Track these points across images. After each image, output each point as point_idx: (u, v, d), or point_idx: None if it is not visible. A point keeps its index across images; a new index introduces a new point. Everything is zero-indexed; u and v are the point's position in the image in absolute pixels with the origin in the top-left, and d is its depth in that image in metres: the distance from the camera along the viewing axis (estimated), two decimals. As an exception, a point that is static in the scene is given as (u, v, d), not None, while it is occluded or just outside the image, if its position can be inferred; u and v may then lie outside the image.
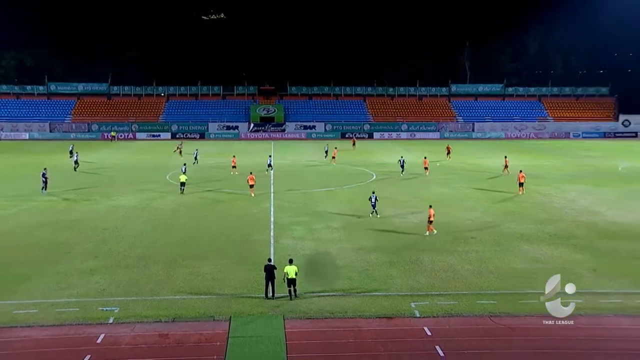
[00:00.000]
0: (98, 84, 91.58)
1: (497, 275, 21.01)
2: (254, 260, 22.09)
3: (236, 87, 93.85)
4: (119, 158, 57.15)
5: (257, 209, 32.34)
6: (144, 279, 20.37)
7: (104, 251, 23.71)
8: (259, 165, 50.40)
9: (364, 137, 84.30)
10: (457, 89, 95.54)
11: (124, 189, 38.47)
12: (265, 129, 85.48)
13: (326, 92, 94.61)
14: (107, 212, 31.31)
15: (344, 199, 35.50)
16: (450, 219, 29.95)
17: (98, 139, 78.70)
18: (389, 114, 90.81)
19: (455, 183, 41.77)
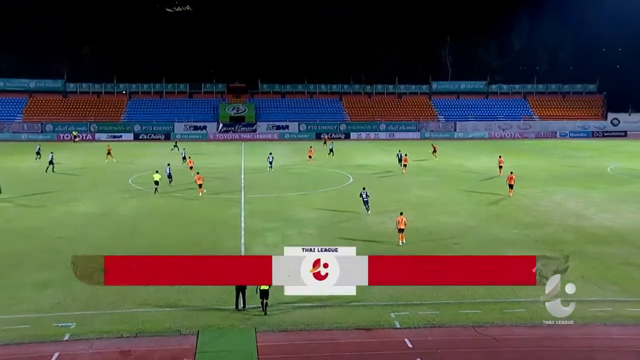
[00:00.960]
0: (52, 80, 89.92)
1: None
2: (224, 269, 21.86)
3: (204, 85, 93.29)
4: (76, 161, 56.16)
5: (227, 215, 32.12)
6: (103, 291, 19.98)
7: (60, 262, 23.20)
8: (231, 169, 50.09)
9: (340, 137, 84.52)
10: (438, 86, 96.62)
11: (82, 194, 37.85)
12: (235, 129, 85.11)
13: (300, 90, 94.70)
14: (63, 219, 30.73)
15: (319, 203, 35.46)
16: (432, 223, 30.16)
17: (53, 140, 77.17)
18: (366, 113, 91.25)
19: (437, 185, 42.10)
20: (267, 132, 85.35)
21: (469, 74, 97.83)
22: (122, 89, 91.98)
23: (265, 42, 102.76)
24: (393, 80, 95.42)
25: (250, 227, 29.11)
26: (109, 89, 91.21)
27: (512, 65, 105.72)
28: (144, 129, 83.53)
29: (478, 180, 44.52)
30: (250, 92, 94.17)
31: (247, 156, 61.32)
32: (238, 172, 48.99)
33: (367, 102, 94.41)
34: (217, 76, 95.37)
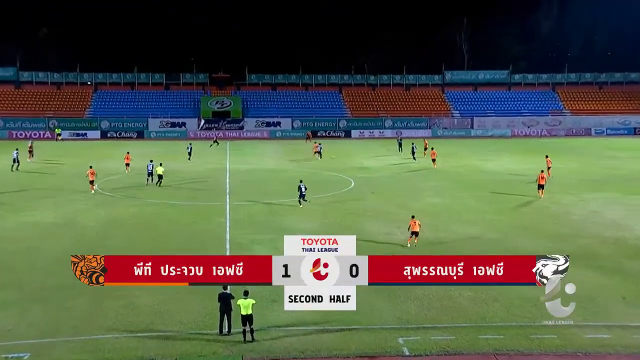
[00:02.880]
0: (2, 68, 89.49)
1: (503, 303, 21.13)
2: (206, 287, 21.73)
3: (183, 75, 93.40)
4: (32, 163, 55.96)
5: (210, 225, 32.04)
6: (64, 315, 19.87)
7: (12, 281, 23.08)
8: (214, 172, 50.03)
9: (339, 135, 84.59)
10: (453, 77, 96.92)
11: (39, 202, 37.67)
12: (219, 126, 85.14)
13: (293, 82, 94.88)
14: (17, 231, 30.56)
15: (316, 211, 35.41)
16: (446, 234, 30.11)
17: (4, 139, 76.89)
18: (370, 108, 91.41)
19: (450, 191, 42.16)
20: (255, 129, 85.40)
21: (488, 62, 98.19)
22: (87, 79, 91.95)
23: (253, 25, 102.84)
24: (400, 69, 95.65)
25: (236, 239, 29.00)
26: (70, 79, 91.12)
27: (539, 51, 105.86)
28: (113, 126, 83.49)
29: (499, 185, 44.51)
30: (236, 84, 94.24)
31: (232, 157, 61.22)
32: (222, 175, 48.91)
33: (370, 95, 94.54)
34: (198, 65, 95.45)
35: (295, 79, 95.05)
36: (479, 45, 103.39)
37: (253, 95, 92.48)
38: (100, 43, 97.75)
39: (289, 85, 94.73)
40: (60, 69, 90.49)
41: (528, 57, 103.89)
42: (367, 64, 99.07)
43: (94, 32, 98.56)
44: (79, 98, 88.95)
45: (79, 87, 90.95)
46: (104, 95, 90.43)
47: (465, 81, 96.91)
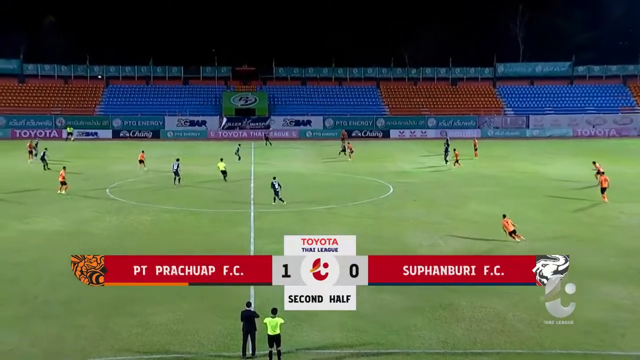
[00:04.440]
0: (5, 60, 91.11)
1: (563, 327, 20.75)
2: (227, 305, 21.84)
3: (203, 68, 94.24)
4: (38, 165, 56.89)
5: (232, 235, 32.18)
6: (71, 334, 20.09)
7: (14, 296, 23.44)
8: (237, 176, 50.26)
9: (376, 135, 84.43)
10: (506, 69, 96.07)
11: (43, 207, 38.22)
12: (243, 125, 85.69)
13: (326, 76, 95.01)
14: (20, 241, 31.00)
15: (350, 220, 35.35)
16: (497, 247, 29.79)
17: (6, 139, 78.34)
18: (411, 105, 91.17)
19: (501, 198, 41.83)
20: (283, 128, 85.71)
21: (547, 53, 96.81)
22: (97, 72, 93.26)
23: (281, 13, 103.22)
24: (446, 61, 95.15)
25: (261, 250, 28.98)
26: (79, 72, 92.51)
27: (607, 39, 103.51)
28: (126, 125, 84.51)
29: (558, 191, 43.92)
30: (262, 78, 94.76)
31: (257, 159, 61.47)
32: (246, 180, 49.18)
33: (411, 91, 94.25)
34: (219, 57, 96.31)
35: (327, 73, 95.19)
36: (537, 34, 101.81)
37: (280, 91, 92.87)
38: (112, 32, 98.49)
39: (320, 80, 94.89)
40: (68, 61, 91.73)
41: (594, 47, 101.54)
42: (408, 56, 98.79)
43: (106, 21, 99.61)
44: (88, 93, 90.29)
45: (88, 82, 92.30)
46: (116, 91, 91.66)
47: (520, 74, 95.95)
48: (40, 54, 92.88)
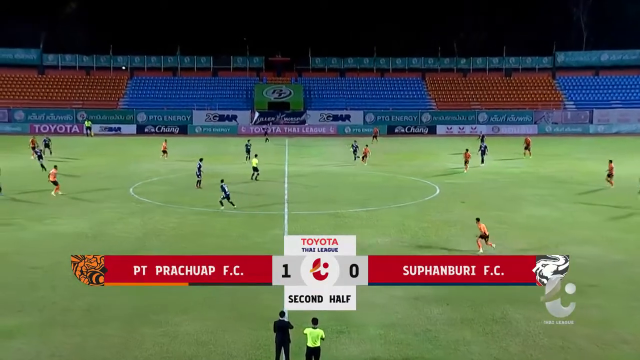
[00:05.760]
0: (24, 50, 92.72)
1: (634, 345, 20.49)
2: (259, 314, 21.93)
3: (234, 59, 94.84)
4: (59, 163, 57.75)
5: (264, 238, 32.24)
6: (92, 343, 20.33)
7: (32, 301, 23.76)
8: (270, 175, 50.45)
9: (421, 131, 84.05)
10: (567, 58, 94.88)
11: (63, 208, 38.74)
12: (276, 120, 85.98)
13: (366, 66, 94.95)
14: (39, 243, 31.41)
15: (392, 223, 35.25)
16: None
17: (25, 133, 79.79)
18: (460, 98, 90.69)
19: (560, 201, 41.44)
20: (320, 124, 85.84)
21: (614, 40, 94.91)
22: (121, 63, 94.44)
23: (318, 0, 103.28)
24: (499, 50, 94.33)
25: (295, 256, 29.16)
26: (102, 62, 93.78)
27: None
28: (151, 119, 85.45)
29: (624, 194, 43.23)
30: (297, 69, 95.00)
31: (292, 157, 61.58)
32: (280, 179, 49.34)
33: (460, 83, 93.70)
34: (251, 47, 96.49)
35: (368, 63, 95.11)
36: (602, 18, 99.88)
37: (317, 83, 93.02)
38: (137, 20, 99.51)
39: (360, 71, 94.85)
40: (90, 51, 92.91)
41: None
42: (457, 44, 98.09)
43: (130, 8, 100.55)
44: (111, 85, 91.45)
45: (111, 73, 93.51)
46: (141, 83, 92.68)
47: (582, 64, 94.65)
48: (60, 43, 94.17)
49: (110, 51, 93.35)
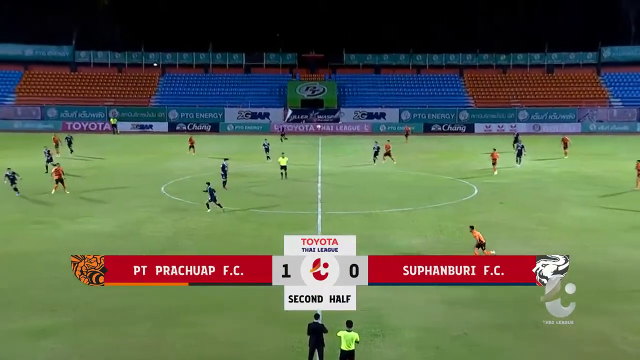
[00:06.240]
0: (57, 47, 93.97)
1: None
2: (293, 316, 21.91)
3: (266, 55, 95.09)
4: (91, 161, 58.55)
5: (296, 239, 32.42)
6: (123, 343, 20.56)
7: (65, 302, 24.04)
8: (302, 174, 50.55)
9: (459, 130, 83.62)
10: (613, 53, 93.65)
11: (95, 207, 39.26)
12: (310, 118, 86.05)
13: (402, 63, 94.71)
14: (71, 242, 31.74)
15: (428, 224, 35.14)
16: (601, 259, 29.11)
17: (57, 131, 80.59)
18: (499, 96, 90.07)
19: (605, 202, 40.97)
20: (354, 121, 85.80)
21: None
22: (153, 59, 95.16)
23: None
24: (541, 46, 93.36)
25: (329, 257, 29.20)
26: (134, 59, 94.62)
27: None
28: (183, 117, 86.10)
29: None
30: (331, 66, 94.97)
31: (325, 156, 61.62)
32: (313, 178, 49.45)
33: (500, 80, 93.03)
34: (285, 43, 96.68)
35: (404, 60, 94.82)
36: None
37: (352, 80, 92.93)
38: (169, 16, 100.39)
39: (396, 68, 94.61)
40: (122, 48, 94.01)
41: None
42: (496, 40, 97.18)
43: (162, 4, 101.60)
44: (143, 82, 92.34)
45: (143, 70, 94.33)
46: (173, 80, 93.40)
47: (630, 59, 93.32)
48: (93, 40, 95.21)
49: (142, 48, 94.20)
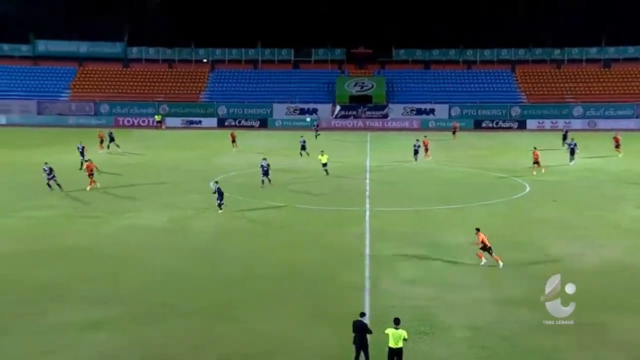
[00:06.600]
0: (110, 43, 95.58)
1: None
2: (340, 312, 21.90)
3: (315, 51, 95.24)
4: (141, 157, 59.30)
5: (345, 235, 32.35)
6: (172, 339, 20.70)
7: (114, 295, 24.35)
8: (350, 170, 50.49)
9: (510, 126, 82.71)
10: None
11: (145, 202, 39.72)
12: (358, 113, 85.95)
13: (452, 58, 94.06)
14: (120, 237, 32.30)
15: (479, 222, 34.60)
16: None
17: (110, 126, 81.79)
18: (552, 91, 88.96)
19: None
20: (403, 117, 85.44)
21: None
22: (202, 55, 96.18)
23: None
24: (597, 40, 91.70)
25: (378, 253, 29.08)
26: (184, 55, 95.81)
27: None
28: (232, 113, 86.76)
29: None
30: (380, 61, 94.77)
31: (373, 152, 61.47)
32: (362, 174, 49.40)
33: (553, 75, 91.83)
34: (333, 38, 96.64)
35: (454, 55, 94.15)
36: None
37: (400, 76, 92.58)
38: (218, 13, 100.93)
39: (446, 63, 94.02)
40: (173, 45, 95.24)
41: None
42: (550, 34, 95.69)
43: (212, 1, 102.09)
44: (193, 78, 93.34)
45: (193, 66, 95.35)
46: (222, 76, 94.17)
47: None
48: (144, 37, 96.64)
49: (192, 44, 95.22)
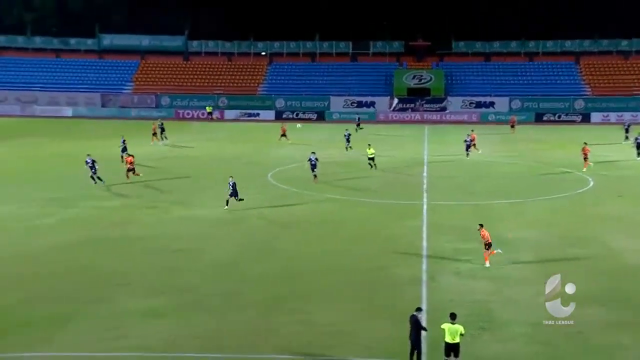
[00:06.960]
0: (171, 37, 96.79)
1: None
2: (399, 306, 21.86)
3: (373, 44, 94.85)
4: (200, 148, 59.99)
5: (402, 229, 32.32)
6: (229, 328, 20.95)
7: (175, 284, 24.77)
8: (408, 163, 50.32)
9: (574, 120, 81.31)
10: None
11: (205, 193, 40.22)
12: (416, 106, 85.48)
13: (513, 50, 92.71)
14: (181, 227, 32.76)
15: (540, 217, 34.46)
16: None
17: (170, 119, 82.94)
18: (619, 83, 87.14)
19: None
20: (461, 110, 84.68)
21: None
22: (261, 48, 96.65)
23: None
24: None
25: (436, 247, 28.98)
26: (243, 48, 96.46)
27: None
28: (289, 106, 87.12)
29: None
30: (439, 54, 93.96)
31: (431, 145, 61.13)
32: (419, 168, 49.27)
33: (620, 66, 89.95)
34: (391, 31, 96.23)
35: (515, 47, 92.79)
36: None
37: (460, 68, 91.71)
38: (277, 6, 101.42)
39: (507, 55, 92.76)
40: (232, 38, 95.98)
41: None
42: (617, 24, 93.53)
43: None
44: (251, 71, 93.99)
45: (251, 59, 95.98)
46: (280, 69, 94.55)
47: None
48: (204, 31, 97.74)
49: (250, 38, 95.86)
